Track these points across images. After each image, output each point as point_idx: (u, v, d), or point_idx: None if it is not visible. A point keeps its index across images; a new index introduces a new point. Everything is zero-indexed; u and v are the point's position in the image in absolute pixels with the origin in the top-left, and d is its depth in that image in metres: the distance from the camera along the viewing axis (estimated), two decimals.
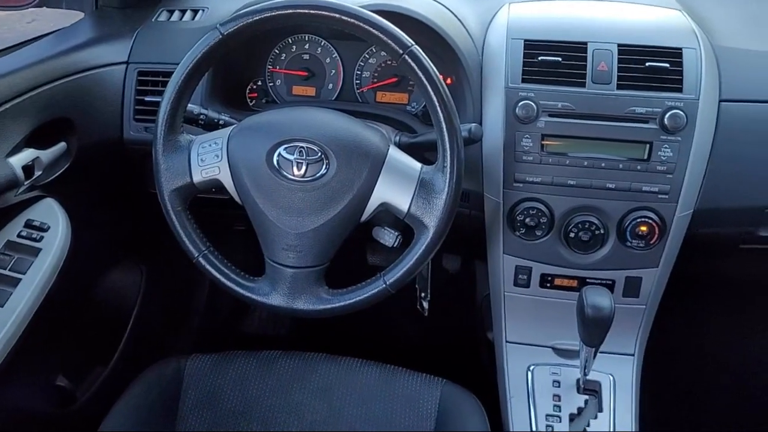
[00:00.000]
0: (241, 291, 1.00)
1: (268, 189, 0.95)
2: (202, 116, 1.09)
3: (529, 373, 1.22)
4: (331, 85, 1.30)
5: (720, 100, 1.11)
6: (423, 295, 1.44)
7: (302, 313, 0.98)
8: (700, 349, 1.75)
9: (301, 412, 1.10)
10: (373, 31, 0.91)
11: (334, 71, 1.30)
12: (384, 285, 0.96)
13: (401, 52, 0.91)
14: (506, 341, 1.26)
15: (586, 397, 1.18)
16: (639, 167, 1.09)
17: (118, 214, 1.43)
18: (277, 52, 1.31)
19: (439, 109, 0.92)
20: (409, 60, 0.91)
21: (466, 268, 1.75)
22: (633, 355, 1.23)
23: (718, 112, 1.11)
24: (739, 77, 1.13)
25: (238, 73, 1.30)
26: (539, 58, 1.11)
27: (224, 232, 1.43)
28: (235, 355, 1.18)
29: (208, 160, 0.97)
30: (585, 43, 1.11)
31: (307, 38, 1.30)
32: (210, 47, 0.93)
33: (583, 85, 1.10)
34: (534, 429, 1.14)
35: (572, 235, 1.14)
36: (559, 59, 1.10)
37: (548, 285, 1.20)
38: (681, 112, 1.06)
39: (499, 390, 1.24)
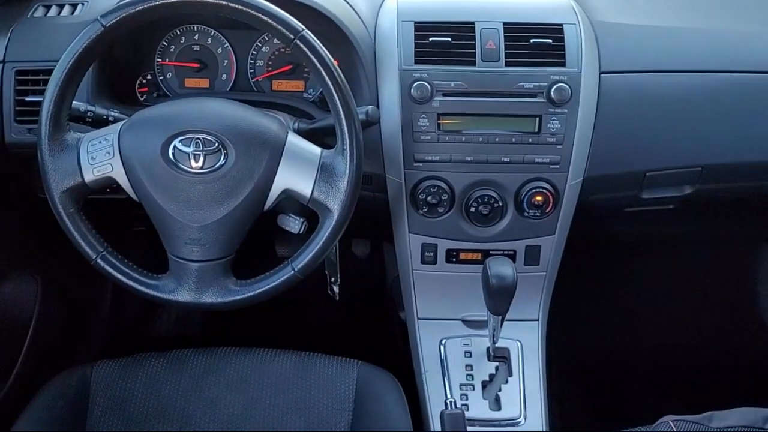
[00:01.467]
0: (145, 290, 0.97)
1: (166, 183, 0.93)
2: (89, 113, 1.05)
3: (442, 347, 1.25)
4: (224, 76, 1.28)
5: (600, 72, 1.17)
6: (333, 279, 1.44)
7: (211, 306, 0.97)
8: (598, 309, 1.86)
9: (217, 407, 1.09)
10: (262, 17, 0.90)
11: (226, 61, 1.27)
12: (293, 271, 0.96)
13: (292, 37, 0.90)
14: (418, 318, 1.29)
15: (497, 363, 1.23)
16: (531, 140, 1.14)
17: (6, 223, 1.35)
18: (165, 44, 1.27)
19: (334, 93, 0.92)
20: (301, 45, 0.91)
21: (376, 252, 1.77)
22: (537, 320, 1.29)
23: (600, 84, 1.17)
24: (616, 50, 1.20)
25: (125, 67, 1.25)
26: (430, 39, 1.14)
27: (123, 235, 1.38)
28: (145, 357, 1.15)
29: (99, 157, 0.94)
30: (472, 23, 1.15)
31: (196, 29, 1.26)
32: (91, 40, 0.90)
33: (473, 63, 1.13)
34: (449, 399, 1.18)
35: (473, 209, 1.18)
36: (449, 39, 1.13)
37: (454, 260, 1.24)
38: (565, 85, 1.12)
39: (414, 365, 1.27)
